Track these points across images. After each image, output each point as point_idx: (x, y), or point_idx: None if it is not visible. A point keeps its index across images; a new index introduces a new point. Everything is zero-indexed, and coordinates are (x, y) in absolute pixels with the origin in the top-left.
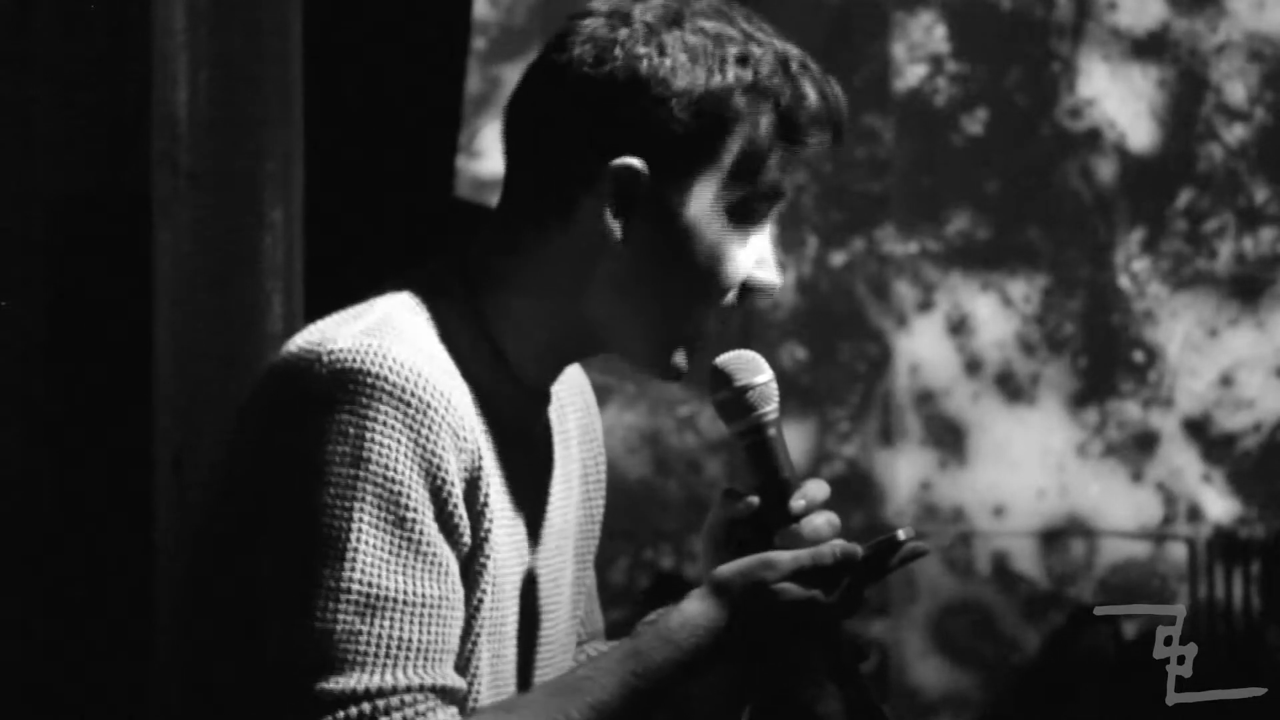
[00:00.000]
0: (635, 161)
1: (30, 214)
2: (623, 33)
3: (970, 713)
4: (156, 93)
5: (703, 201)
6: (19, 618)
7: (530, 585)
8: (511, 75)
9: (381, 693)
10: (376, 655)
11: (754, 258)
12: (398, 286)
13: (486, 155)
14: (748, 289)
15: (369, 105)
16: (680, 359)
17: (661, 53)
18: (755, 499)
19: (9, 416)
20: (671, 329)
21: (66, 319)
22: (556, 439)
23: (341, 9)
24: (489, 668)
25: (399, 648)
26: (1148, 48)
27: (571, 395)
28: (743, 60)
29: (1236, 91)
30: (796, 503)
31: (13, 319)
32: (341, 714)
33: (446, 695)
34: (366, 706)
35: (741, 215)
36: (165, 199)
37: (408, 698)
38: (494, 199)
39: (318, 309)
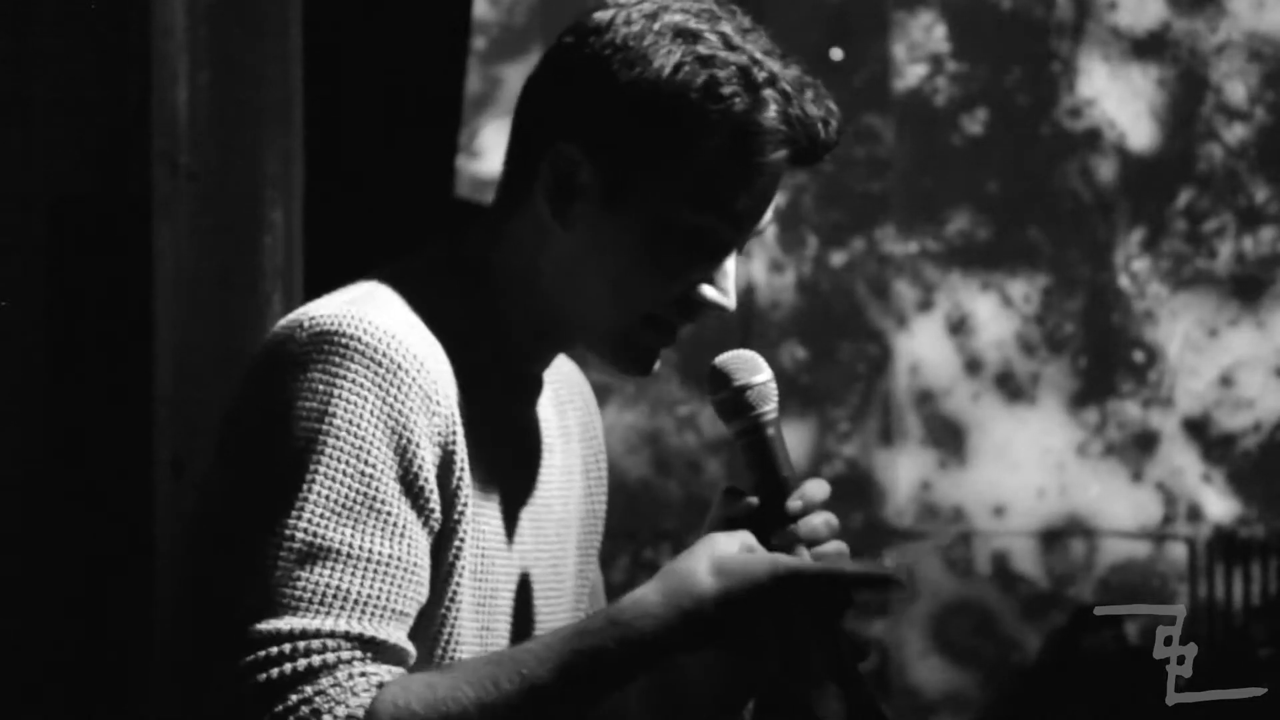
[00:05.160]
0: (574, 147)
1: (30, 214)
2: (599, 19)
3: (970, 713)
4: (156, 93)
5: (647, 198)
6: (20, 618)
7: (529, 567)
8: (512, 75)
9: (305, 634)
10: (310, 601)
11: (706, 272)
12: (386, 270)
13: (486, 155)
14: (696, 303)
15: (369, 105)
16: (637, 352)
17: (625, 44)
18: (755, 499)
19: (9, 416)
20: (618, 318)
21: (66, 319)
22: (557, 431)
23: (341, 9)
24: (476, 640)
25: (334, 597)
26: (1148, 48)
27: (571, 393)
28: (705, 61)
29: (1236, 91)
30: (793, 503)
31: (13, 319)
32: (262, 653)
33: (380, 650)
34: (288, 647)
35: (693, 225)
36: (165, 199)
37: (331, 643)
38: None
39: None
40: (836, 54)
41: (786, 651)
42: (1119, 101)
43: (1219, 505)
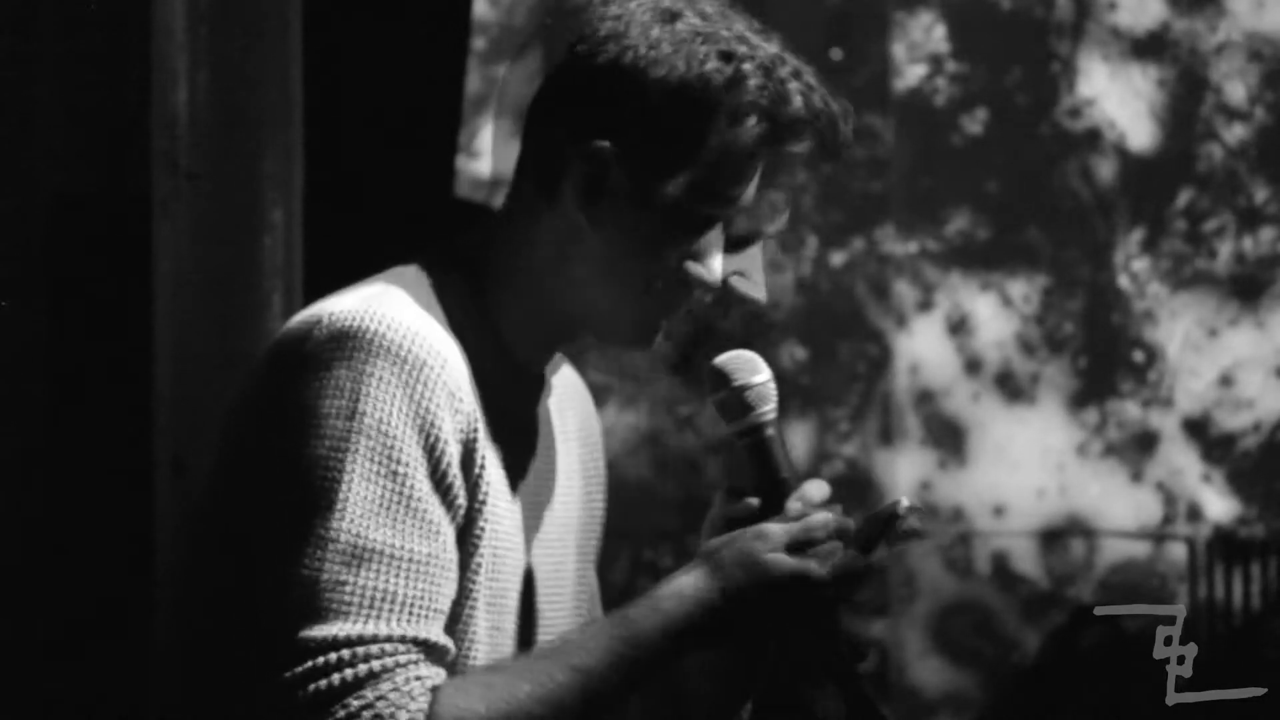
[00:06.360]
0: (605, 144)
1: (30, 214)
2: (611, 24)
3: (970, 713)
4: (156, 93)
5: (677, 192)
6: (20, 618)
7: (533, 567)
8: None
9: (361, 640)
10: (360, 605)
11: (734, 264)
12: (392, 271)
13: (486, 155)
14: (727, 296)
15: (369, 105)
16: (658, 337)
17: (648, 44)
18: (755, 499)
19: (9, 416)
20: (645, 313)
21: (66, 319)
22: (557, 432)
23: (341, 9)
24: (488, 639)
25: (383, 599)
26: (1148, 48)
27: (569, 396)
28: (726, 56)
29: (1236, 91)
30: (792, 504)
31: (13, 319)
32: (321, 660)
33: (430, 650)
34: (346, 653)
35: (723, 215)
36: (165, 199)
37: (388, 646)
38: (494, 199)
39: None
40: (836, 54)
41: (794, 637)
42: (1119, 101)
43: (1219, 505)
